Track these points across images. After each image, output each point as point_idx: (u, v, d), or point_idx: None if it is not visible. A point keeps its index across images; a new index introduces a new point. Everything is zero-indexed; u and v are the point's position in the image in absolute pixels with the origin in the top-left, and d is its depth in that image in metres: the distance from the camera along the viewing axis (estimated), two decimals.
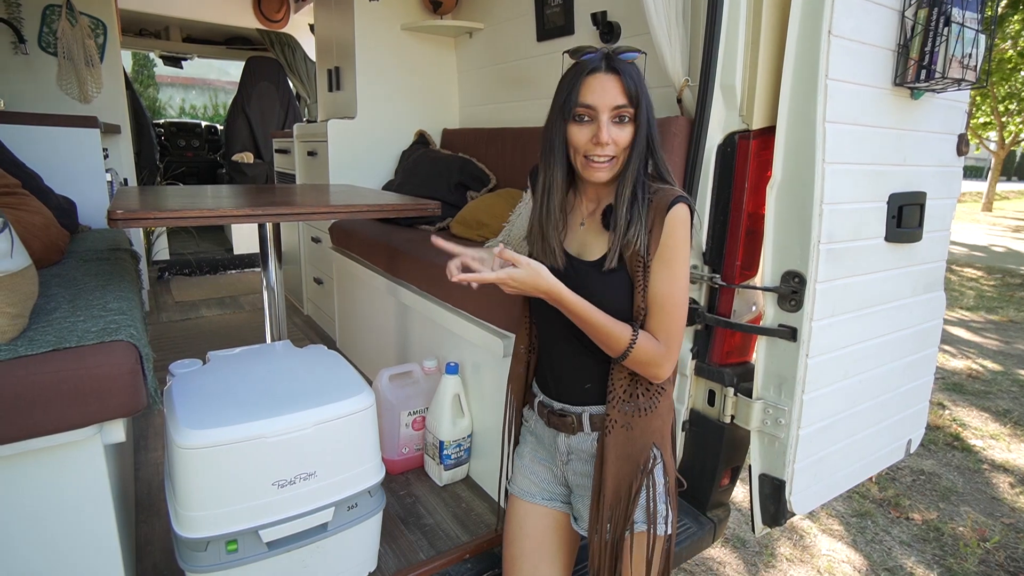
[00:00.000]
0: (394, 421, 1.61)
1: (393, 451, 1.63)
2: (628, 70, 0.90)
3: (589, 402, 1.01)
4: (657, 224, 0.90)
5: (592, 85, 0.90)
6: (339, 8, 2.69)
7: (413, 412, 1.63)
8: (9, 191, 1.51)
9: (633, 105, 0.90)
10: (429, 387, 1.64)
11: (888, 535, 2.18)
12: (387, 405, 1.58)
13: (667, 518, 0.98)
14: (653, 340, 0.93)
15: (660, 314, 0.92)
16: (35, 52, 2.91)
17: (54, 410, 0.84)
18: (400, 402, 1.60)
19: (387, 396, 1.58)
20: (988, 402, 3.36)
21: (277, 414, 1.05)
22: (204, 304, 3.33)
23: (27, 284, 0.95)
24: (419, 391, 1.64)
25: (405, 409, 1.61)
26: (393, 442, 1.62)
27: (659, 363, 0.93)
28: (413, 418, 1.63)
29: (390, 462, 1.62)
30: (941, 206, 1.50)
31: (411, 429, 1.64)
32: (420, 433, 1.66)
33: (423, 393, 1.64)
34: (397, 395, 1.60)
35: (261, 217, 1.28)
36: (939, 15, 1.20)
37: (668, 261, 0.91)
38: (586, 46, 0.94)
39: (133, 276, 1.48)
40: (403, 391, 1.62)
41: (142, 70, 10.53)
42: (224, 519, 1.01)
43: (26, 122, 2.20)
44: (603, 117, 0.90)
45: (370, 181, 2.72)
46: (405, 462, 1.67)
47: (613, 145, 0.91)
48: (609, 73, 0.90)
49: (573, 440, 1.03)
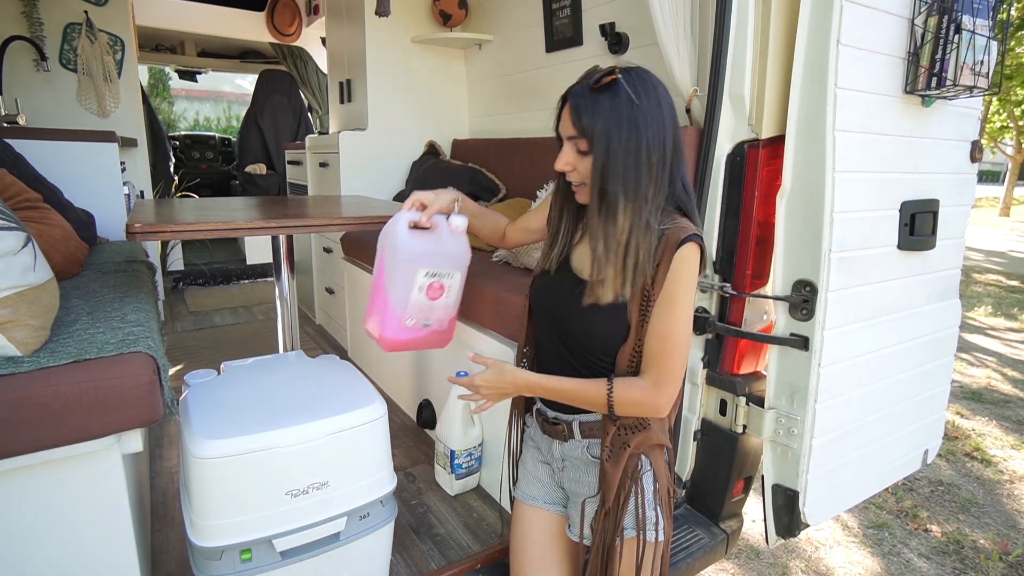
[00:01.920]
0: (407, 280, 1.20)
1: (397, 321, 1.22)
2: (584, 104, 0.90)
3: (580, 410, 1.02)
4: (665, 260, 0.90)
5: (564, 112, 0.95)
6: (350, 22, 2.73)
7: (432, 274, 1.21)
8: (31, 205, 1.55)
9: (584, 136, 0.91)
10: (455, 249, 1.24)
11: (906, 547, 2.14)
12: (402, 257, 1.18)
13: (658, 525, 0.97)
14: (636, 383, 0.92)
15: (657, 353, 0.92)
16: (56, 69, 2.99)
17: (75, 420, 0.86)
18: (418, 256, 1.19)
19: (404, 245, 1.18)
20: (1008, 411, 3.30)
21: (291, 424, 1.06)
22: (218, 313, 3.37)
23: (49, 297, 0.97)
24: (443, 251, 1.22)
25: (424, 267, 1.20)
26: (399, 308, 1.21)
27: (647, 403, 0.92)
28: (430, 282, 1.22)
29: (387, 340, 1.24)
30: (955, 213, 1.48)
31: (424, 296, 1.22)
32: (433, 304, 1.24)
33: (447, 255, 1.23)
34: (416, 246, 1.19)
35: (274, 229, 1.30)
36: (949, 22, 1.20)
37: (670, 299, 0.91)
38: (593, 69, 0.95)
39: (150, 287, 1.51)
40: (423, 243, 1.20)
41: (157, 83, 10.73)
42: (238, 528, 1.02)
43: (47, 137, 2.26)
44: (565, 144, 0.95)
45: (381, 191, 2.74)
46: (405, 340, 1.26)
47: (575, 173, 0.95)
48: (568, 106, 0.93)
49: (566, 447, 1.05)
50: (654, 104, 0.90)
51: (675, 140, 0.93)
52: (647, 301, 0.92)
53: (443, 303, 1.26)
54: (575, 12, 2.09)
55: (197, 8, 4.28)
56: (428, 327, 1.27)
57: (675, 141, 0.93)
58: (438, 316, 1.27)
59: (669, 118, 0.92)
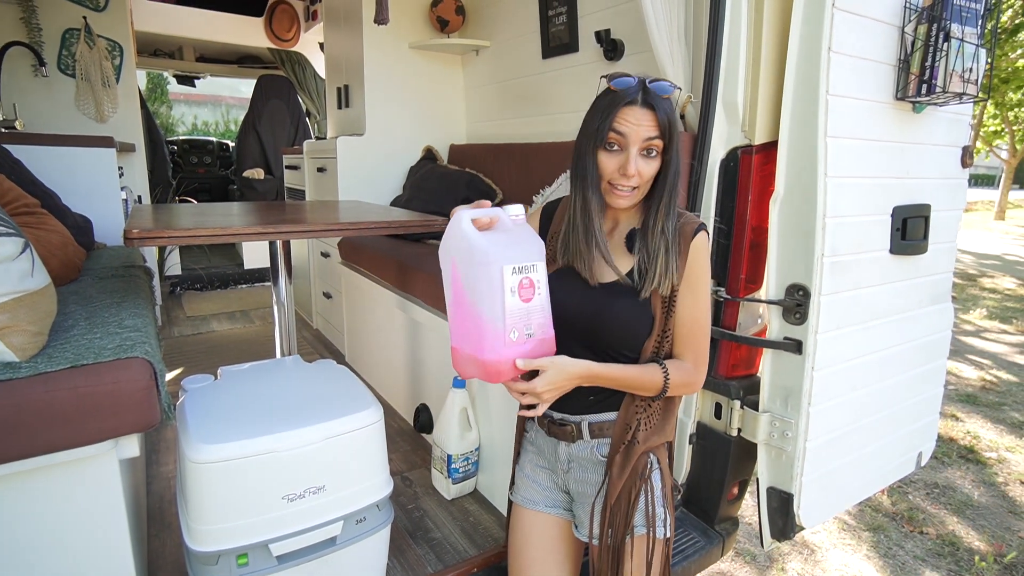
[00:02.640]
0: (495, 283, 0.91)
1: (500, 339, 0.92)
2: (663, 105, 0.92)
3: (590, 411, 1.04)
4: (683, 251, 0.96)
5: (627, 115, 0.92)
6: (348, 27, 2.74)
7: (519, 269, 0.93)
8: (29, 211, 1.56)
9: (664, 138, 0.93)
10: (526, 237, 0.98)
11: (902, 549, 2.15)
12: (479, 256, 0.91)
13: (666, 522, 1.00)
14: (682, 366, 0.98)
15: (689, 337, 0.98)
16: (54, 74, 3.00)
17: (72, 425, 0.87)
18: (500, 251, 0.93)
19: (479, 243, 0.92)
20: (1002, 414, 3.31)
21: (287, 429, 1.06)
22: (215, 318, 3.37)
23: (46, 302, 0.98)
24: (516, 240, 0.96)
25: (508, 263, 0.92)
26: (498, 323, 0.91)
27: (693, 382, 0.99)
28: (519, 279, 0.93)
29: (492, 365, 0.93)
30: (946, 218, 1.50)
31: (518, 298, 0.93)
32: (528, 307, 0.94)
33: (522, 244, 0.96)
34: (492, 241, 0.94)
35: (271, 235, 1.31)
36: (938, 30, 1.22)
37: (694, 286, 0.97)
38: (623, 72, 0.95)
39: (147, 293, 1.51)
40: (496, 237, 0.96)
41: (156, 88, 10.74)
42: (235, 533, 1.03)
43: (45, 142, 2.26)
44: (632, 149, 0.92)
45: (379, 196, 2.75)
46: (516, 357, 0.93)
47: (638, 177, 0.94)
48: (644, 107, 0.92)
49: (573, 448, 1.06)
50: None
51: None
52: (672, 292, 0.96)
53: (538, 304, 0.98)
54: (571, 19, 2.11)
55: (195, 13, 4.30)
56: (532, 337, 0.98)
57: None
58: (538, 320, 0.99)
59: None
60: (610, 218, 1.06)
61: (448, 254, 0.99)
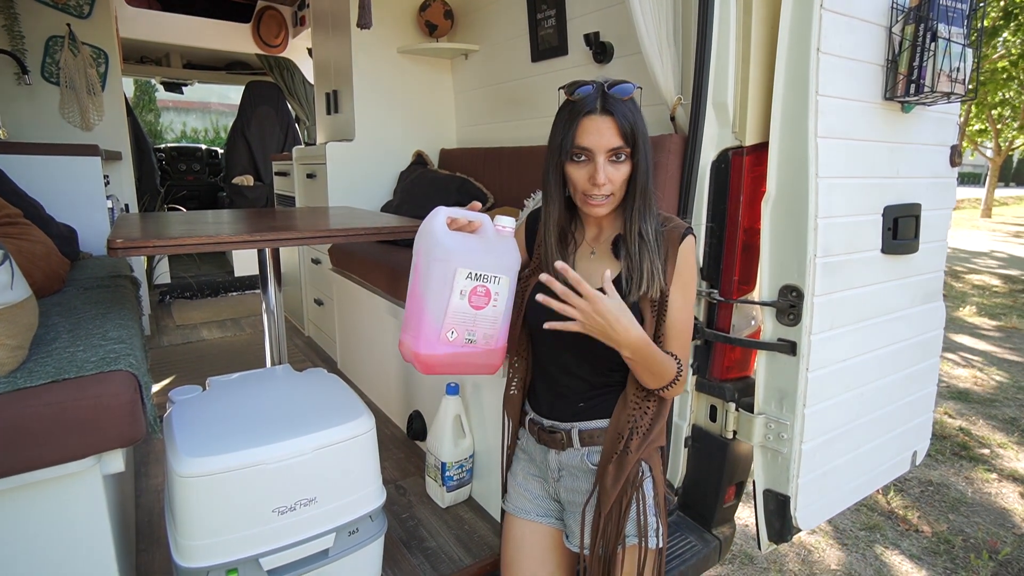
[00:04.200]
0: (445, 281, 0.96)
1: (434, 333, 0.97)
2: (622, 109, 0.91)
3: (579, 418, 1.02)
4: (672, 254, 0.96)
5: (587, 127, 0.91)
6: (336, 33, 2.73)
7: (476, 276, 0.97)
8: (10, 221, 1.53)
9: (629, 144, 0.92)
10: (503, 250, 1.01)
11: (898, 548, 2.15)
12: (437, 251, 0.96)
13: (658, 531, 0.99)
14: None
15: (679, 337, 0.98)
16: (38, 82, 2.96)
17: (53, 442, 0.84)
18: (459, 253, 0.97)
19: (442, 240, 0.96)
20: (995, 410, 3.33)
21: (277, 440, 1.05)
22: (205, 327, 3.34)
23: (27, 315, 0.96)
24: (488, 250, 0.99)
25: (465, 266, 0.96)
26: (437, 317, 0.97)
27: (684, 382, 0.99)
28: (473, 285, 0.97)
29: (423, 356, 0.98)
30: (936, 217, 1.50)
31: (466, 302, 0.97)
32: (477, 314, 0.99)
33: (494, 255, 0.99)
34: (456, 243, 0.98)
35: (260, 243, 1.29)
36: (925, 31, 1.22)
37: (684, 288, 0.97)
38: (580, 81, 0.94)
39: (133, 303, 1.49)
40: (465, 241, 0.99)
41: (143, 95, 10.66)
42: (224, 547, 1.00)
43: (28, 152, 2.23)
44: (599, 159, 0.92)
45: (369, 202, 2.73)
46: (446, 358, 0.99)
47: (609, 184, 0.93)
48: (604, 115, 0.91)
49: (563, 456, 1.04)
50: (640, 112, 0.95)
51: None
52: (660, 296, 0.95)
53: (490, 314, 1.01)
54: (560, 22, 2.10)
55: (182, 20, 4.27)
56: (472, 343, 1.01)
57: None
58: (484, 331, 1.01)
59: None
60: (594, 225, 1.05)
61: (417, 245, 1.03)
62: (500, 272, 1.00)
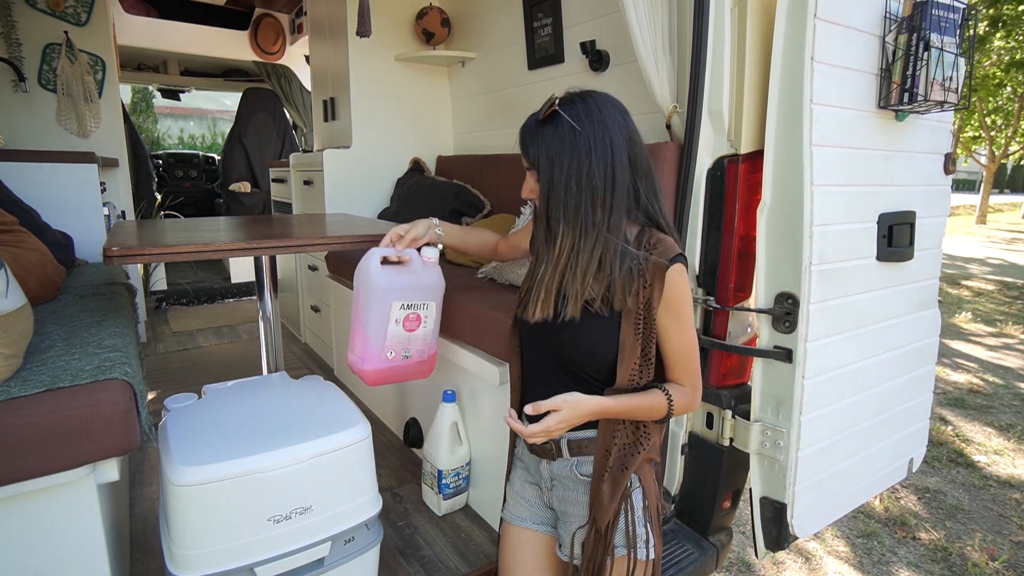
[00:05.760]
0: (382, 314, 1.23)
1: (377, 355, 1.26)
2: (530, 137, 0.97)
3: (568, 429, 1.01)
4: (658, 281, 0.93)
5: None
6: (333, 40, 2.74)
7: (407, 306, 1.25)
8: (6, 228, 1.52)
9: (533, 167, 0.98)
10: (429, 280, 1.29)
11: (895, 556, 2.15)
12: (376, 292, 1.21)
13: (648, 542, 0.98)
14: (682, 390, 0.98)
15: (682, 363, 0.98)
16: (35, 89, 2.96)
17: (47, 451, 0.84)
18: (392, 290, 1.23)
19: (376, 280, 1.21)
20: (991, 416, 3.34)
21: (272, 448, 1.04)
22: (201, 334, 3.32)
23: (22, 323, 0.95)
24: (417, 283, 1.27)
25: (398, 300, 1.24)
26: (378, 342, 1.25)
27: (692, 403, 1.00)
28: (406, 314, 1.26)
29: (368, 373, 1.27)
30: (931, 224, 1.51)
31: (401, 328, 1.26)
32: (411, 335, 1.28)
33: (421, 286, 1.28)
34: (389, 280, 1.23)
35: (256, 250, 1.29)
36: (918, 40, 1.23)
37: (676, 315, 0.95)
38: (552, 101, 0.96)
39: (129, 311, 1.48)
40: (397, 277, 1.25)
41: (141, 102, 10.67)
42: (219, 557, 1.00)
43: (24, 159, 2.22)
44: (527, 174, 1.00)
45: (366, 209, 2.74)
46: (387, 372, 1.29)
47: (531, 193, 1.01)
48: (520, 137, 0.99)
49: (554, 466, 1.04)
50: (599, 127, 0.92)
51: (632, 158, 0.95)
52: (642, 320, 0.94)
53: (421, 334, 1.31)
54: (556, 30, 2.11)
55: (180, 27, 4.28)
56: (409, 358, 1.31)
57: (632, 159, 0.95)
58: (418, 347, 1.32)
59: (619, 138, 0.93)
60: None
61: (356, 282, 1.25)
62: (428, 299, 1.28)
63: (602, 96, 0.95)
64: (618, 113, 0.95)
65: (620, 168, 0.93)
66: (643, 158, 0.96)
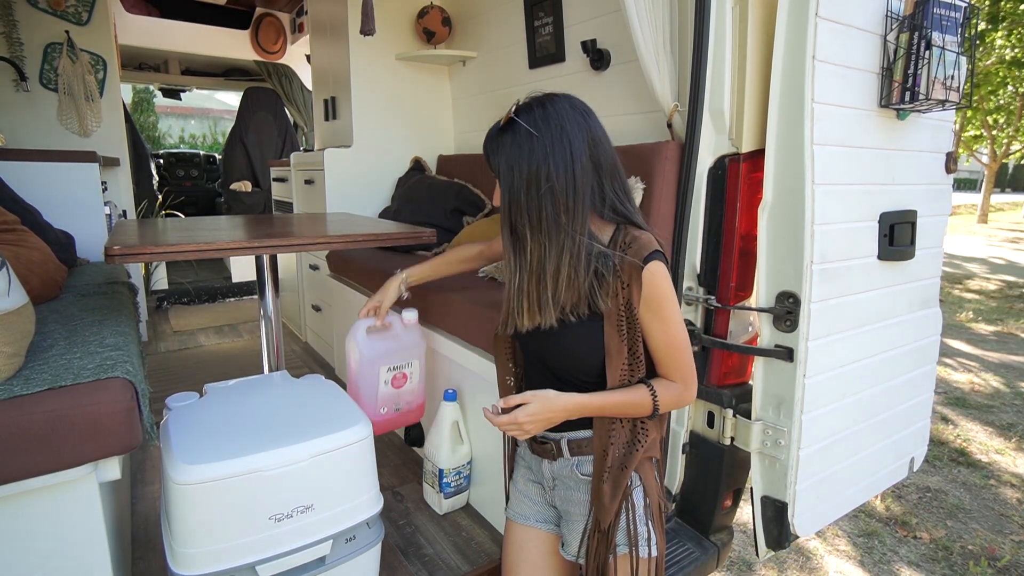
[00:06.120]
0: (372, 378, 1.45)
1: (372, 411, 1.47)
2: (491, 146, 0.97)
3: (567, 428, 1.02)
4: (635, 280, 0.92)
5: None
6: (334, 40, 2.74)
7: (393, 368, 1.47)
8: (8, 227, 1.53)
9: (496, 175, 0.97)
10: (410, 341, 1.50)
11: (896, 555, 2.15)
12: (364, 360, 1.43)
13: (650, 540, 0.98)
14: (671, 386, 0.97)
15: (669, 360, 0.97)
16: (36, 89, 2.96)
17: (49, 450, 0.84)
18: (378, 357, 1.45)
19: (364, 351, 1.43)
20: (992, 416, 3.33)
21: (274, 447, 1.04)
22: (202, 333, 3.33)
23: (24, 322, 0.95)
24: (400, 345, 1.49)
25: (384, 364, 1.46)
26: (371, 402, 1.47)
27: (682, 398, 0.98)
28: (393, 375, 1.47)
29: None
30: (933, 223, 1.51)
31: (390, 387, 1.48)
32: (399, 391, 1.51)
33: (403, 348, 1.49)
34: (375, 349, 1.44)
35: (257, 249, 1.29)
36: (920, 39, 1.23)
37: (657, 312, 0.93)
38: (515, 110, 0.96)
39: (130, 310, 1.48)
40: (382, 344, 1.46)
41: (142, 101, 10.67)
42: (221, 555, 1.00)
43: (26, 158, 2.23)
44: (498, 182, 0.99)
45: (367, 208, 2.74)
46: (382, 423, 1.51)
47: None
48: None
49: (556, 466, 1.04)
50: (556, 131, 0.90)
51: (595, 159, 0.93)
52: (625, 320, 0.93)
53: (408, 388, 1.52)
54: (557, 29, 2.11)
55: (180, 27, 4.28)
56: (399, 410, 1.52)
57: (595, 160, 0.93)
58: (407, 399, 1.53)
59: (579, 140, 0.91)
60: None
61: (347, 350, 1.45)
62: (411, 358, 1.50)
63: (561, 99, 0.94)
64: (578, 114, 0.93)
65: (581, 170, 0.91)
66: (608, 157, 0.95)
